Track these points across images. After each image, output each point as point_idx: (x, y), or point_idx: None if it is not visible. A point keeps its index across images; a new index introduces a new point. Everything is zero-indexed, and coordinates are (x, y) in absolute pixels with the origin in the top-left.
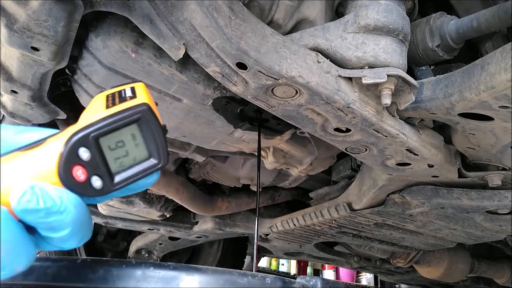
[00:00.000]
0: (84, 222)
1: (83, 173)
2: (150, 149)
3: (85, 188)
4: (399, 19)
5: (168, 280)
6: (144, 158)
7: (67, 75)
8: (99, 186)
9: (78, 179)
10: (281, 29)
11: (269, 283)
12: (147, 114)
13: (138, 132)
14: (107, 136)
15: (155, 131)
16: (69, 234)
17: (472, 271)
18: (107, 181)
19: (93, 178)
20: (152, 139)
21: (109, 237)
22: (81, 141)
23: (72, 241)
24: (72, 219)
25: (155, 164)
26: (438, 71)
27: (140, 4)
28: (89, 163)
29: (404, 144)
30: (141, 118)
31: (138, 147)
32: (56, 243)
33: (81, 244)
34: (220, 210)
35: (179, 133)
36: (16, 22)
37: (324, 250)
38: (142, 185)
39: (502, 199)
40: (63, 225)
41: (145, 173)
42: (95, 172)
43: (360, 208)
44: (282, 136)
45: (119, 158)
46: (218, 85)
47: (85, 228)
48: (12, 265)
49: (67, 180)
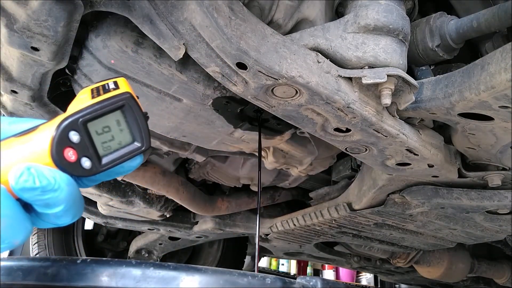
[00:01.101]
0: (76, 200)
1: (74, 154)
2: (134, 133)
3: (75, 168)
4: (399, 19)
5: (168, 280)
6: (128, 142)
7: (67, 75)
8: (88, 166)
9: (69, 159)
10: (281, 29)
11: (269, 283)
12: (130, 101)
13: (122, 118)
14: (94, 122)
15: (137, 117)
16: (63, 210)
17: (472, 271)
18: (95, 162)
19: (82, 159)
20: (135, 125)
21: (109, 237)
22: (71, 125)
23: (66, 217)
24: (65, 196)
25: (139, 147)
26: (438, 71)
27: (140, 4)
28: (79, 145)
29: (404, 144)
30: (124, 105)
31: (123, 132)
32: (52, 220)
33: (74, 220)
34: (220, 210)
35: (179, 133)
36: (16, 22)
37: (324, 250)
38: (127, 167)
39: (502, 199)
40: (58, 202)
41: (130, 155)
42: (84, 153)
43: (360, 208)
44: (282, 136)
45: (106, 142)
46: (218, 85)
47: (77, 205)
48: (11, 238)
49: (59, 160)
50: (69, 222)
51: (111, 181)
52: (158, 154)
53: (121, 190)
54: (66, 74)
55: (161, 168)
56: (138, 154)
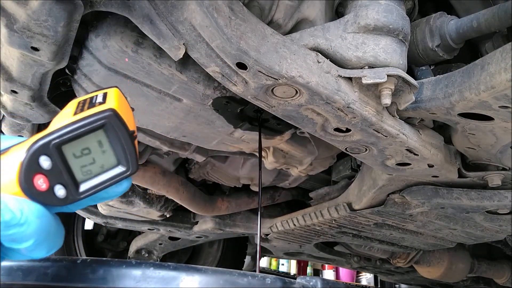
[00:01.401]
0: (51, 232)
1: (45, 182)
2: (118, 156)
3: (47, 198)
4: (399, 19)
5: (168, 281)
6: (112, 165)
7: (67, 75)
8: (62, 195)
9: (39, 188)
10: (281, 29)
11: (269, 283)
12: (113, 119)
13: (104, 138)
14: (71, 143)
15: (122, 137)
16: (34, 245)
17: (472, 271)
18: (72, 190)
19: (56, 187)
20: (119, 146)
21: (109, 237)
22: (42, 149)
23: (39, 251)
24: (34, 230)
25: (123, 172)
26: (438, 71)
27: (140, 4)
28: (50, 172)
29: (404, 144)
30: (106, 124)
31: (105, 154)
32: (24, 253)
33: (51, 253)
34: (220, 210)
35: (179, 133)
36: (16, 22)
37: (324, 250)
38: (112, 193)
39: (502, 199)
40: (25, 237)
41: (113, 180)
42: (58, 180)
43: (360, 208)
44: (282, 136)
45: (85, 165)
46: (218, 85)
47: (52, 238)
48: None
49: (28, 189)
50: (45, 255)
51: None
52: (158, 154)
53: None
54: (66, 74)
55: (161, 168)
56: (123, 179)
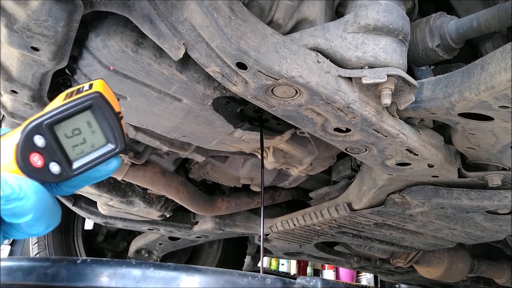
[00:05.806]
0: (48, 207)
1: (40, 159)
2: (107, 135)
3: (43, 174)
4: (399, 19)
5: (168, 281)
6: (101, 144)
7: (67, 75)
8: (57, 171)
9: (35, 165)
10: (281, 29)
11: (269, 283)
12: (99, 100)
13: (93, 119)
14: (62, 124)
15: (109, 117)
16: (33, 219)
17: (472, 271)
18: (65, 167)
19: (51, 164)
20: (107, 125)
21: (109, 237)
22: (35, 129)
23: (38, 226)
24: (33, 205)
25: (113, 149)
26: (438, 71)
27: (140, 4)
28: (45, 150)
29: (404, 144)
30: (93, 105)
31: (95, 134)
32: (24, 229)
33: (49, 230)
34: (220, 210)
35: (179, 133)
36: (16, 22)
37: (324, 250)
38: (104, 172)
39: (502, 199)
40: (25, 211)
41: (104, 157)
42: (52, 158)
43: (360, 208)
44: (282, 136)
45: (77, 145)
46: (218, 85)
47: (50, 213)
48: None
49: (25, 167)
50: (44, 231)
51: (111, 181)
52: (158, 154)
53: (121, 190)
54: (66, 74)
55: (161, 168)
56: (112, 156)
